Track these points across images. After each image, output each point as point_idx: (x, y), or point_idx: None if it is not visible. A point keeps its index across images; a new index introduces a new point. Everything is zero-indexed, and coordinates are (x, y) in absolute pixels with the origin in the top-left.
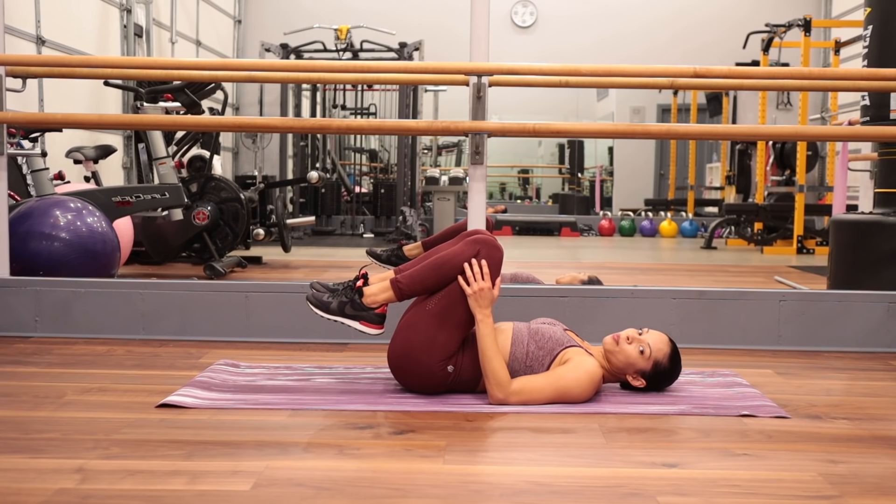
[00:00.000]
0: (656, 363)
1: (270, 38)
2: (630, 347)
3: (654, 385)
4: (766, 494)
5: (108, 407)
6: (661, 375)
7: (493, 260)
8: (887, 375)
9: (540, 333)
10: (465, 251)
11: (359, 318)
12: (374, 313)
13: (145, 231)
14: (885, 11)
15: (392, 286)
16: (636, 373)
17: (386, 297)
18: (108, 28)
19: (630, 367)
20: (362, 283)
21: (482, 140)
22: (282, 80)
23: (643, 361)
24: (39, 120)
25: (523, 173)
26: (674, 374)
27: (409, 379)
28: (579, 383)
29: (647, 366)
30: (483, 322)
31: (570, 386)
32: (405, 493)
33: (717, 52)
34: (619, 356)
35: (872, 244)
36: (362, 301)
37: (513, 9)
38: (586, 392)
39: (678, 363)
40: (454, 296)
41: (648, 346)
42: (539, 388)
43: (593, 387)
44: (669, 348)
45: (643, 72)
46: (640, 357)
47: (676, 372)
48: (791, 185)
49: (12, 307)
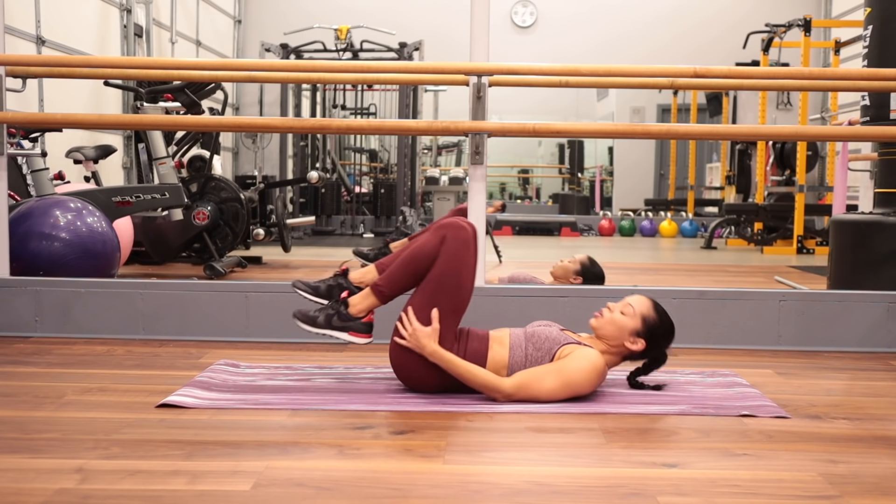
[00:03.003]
0: (644, 318)
1: (270, 38)
2: (613, 314)
3: (653, 343)
4: (766, 494)
5: (108, 407)
6: (654, 329)
7: (460, 240)
8: (887, 375)
9: (536, 336)
10: (431, 240)
11: (346, 328)
12: (361, 322)
13: (145, 231)
14: (885, 11)
15: (374, 292)
16: (630, 336)
17: (370, 304)
18: (108, 28)
19: (622, 331)
20: (347, 294)
21: (482, 140)
22: (282, 80)
23: (631, 320)
24: (39, 120)
25: (523, 173)
26: (665, 325)
27: (412, 374)
28: (582, 372)
29: (637, 323)
30: (434, 358)
31: (573, 376)
32: (405, 493)
33: (717, 52)
34: (608, 327)
35: (872, 244)
36: (348, 311)
37: (513, 9)
38: (590, 379)
39: (666, 315)
40: (433, 285)
41: (630, 305)
42: (539, 378)
43: (597, 374)
44: (651, 302)
45: (643, 72)
46: (626, 318)
47: (668, 324)
48: (791, 185)
49: (12, 307)
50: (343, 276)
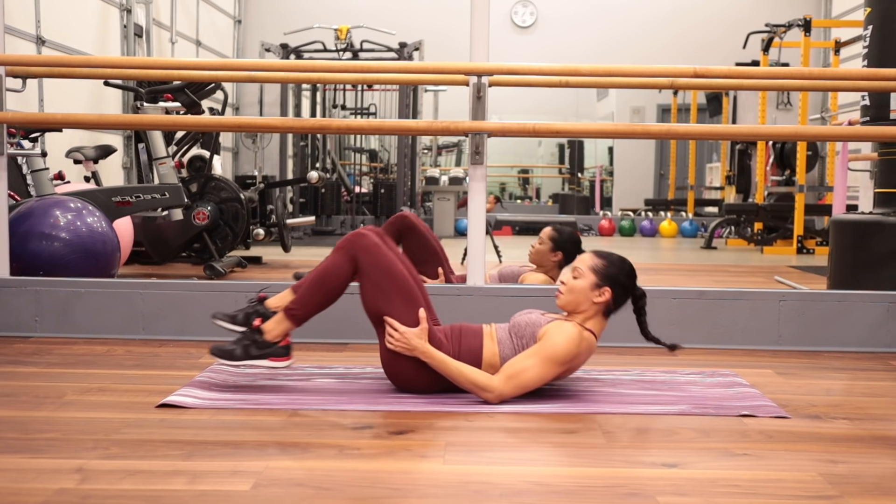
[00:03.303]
0: (593, 269)
1: (270, 38)
2: (568, 285)
3: (618, 283)
4: (766, 494)
5: (108, 407)
6: (608, 271)
7: (368, 246)
8: (887, 375)
9: (518, 325)
10: (337, 259)
11: (265, 355)
12: (279, 347)
13: (145, 231)
14: (885, 11)
15: (287, 316)
16: (593, 292)
17: (284, 328)
18: (108, 28)
19: (583, 293)
20: (260, 321)
21: (482, 140)
22: (282, 80)
23: (584, 279)
24: (39, 120)
25: (523, 173)
26: (616, 263)
27: (403, 376)
28: (560, 346)
29: (591, 277)
30: (426, 357)
31: (553, 352)
32: (405, 493)
33: (717, 52)
34: (569, 297)
35: (872, 244)
36: (264, 338)
37: (513, 9)
38: (571, 350)
39: (612, 255)
40: (378, 294)
41: (577, 268)
42: (523, 365)
43: (577, 344)
44: (592, 253)
45: (643, 72)
46: (580, 279)
47: (618, 260)
48: (791, 185)
49: (12, 307)
50: (260, 303)
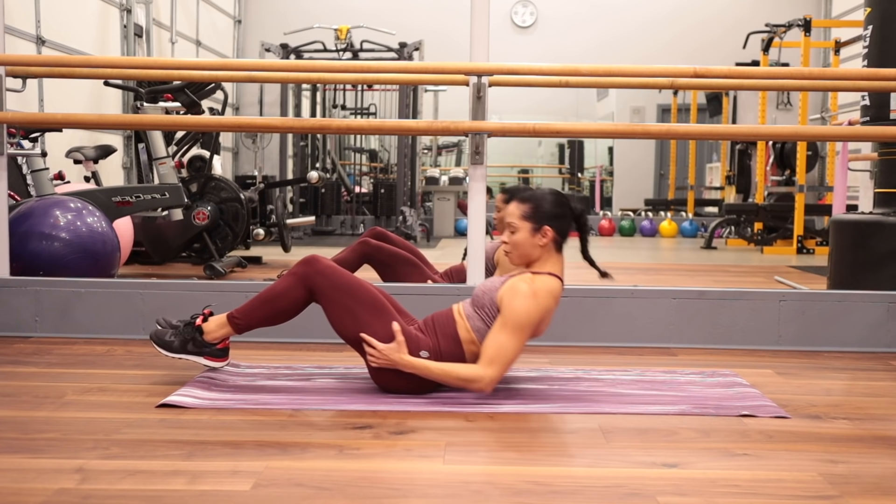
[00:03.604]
0: (524, 215)
1: (270, 38)
2: (508, 241)
3: (553, 217)
4: (766, 494)
5: (108, 407)
6: (539, 211)
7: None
8: (887, 375)
9: (476, 296)
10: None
11: (202, 353)
12: (217, 348)
13: (145, 231)
14: (885, 11)
15: (229, 321)
16: (534, 237)
17: (224, 333)
18: (108, 28)
19: (525, 242)
20: (201, 320)
21: (482, 140)
22: (282, 80)
23: (521, 230)
24: (39, 120)
25: (523, 173)
26: (540, 197)
27: (395, 386)
28: (522, 307)
29: (526, 224)
30: (409, 368)
31: (517, 319)
32: (405, 493)
33: (717, 52)
34: (515, 252)
35: (872, 244)
36: (203, 338)
37: (513, 9)
38: (532, 309)
39: (534, 192)
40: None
41: (510, 223)
42: (499, 344)
43: (535, 301)
44: (516, 201)
45: (643, 72)
46: (517, 231)
47: (540, 194)
48: (791, 185)
49: (12, 307)
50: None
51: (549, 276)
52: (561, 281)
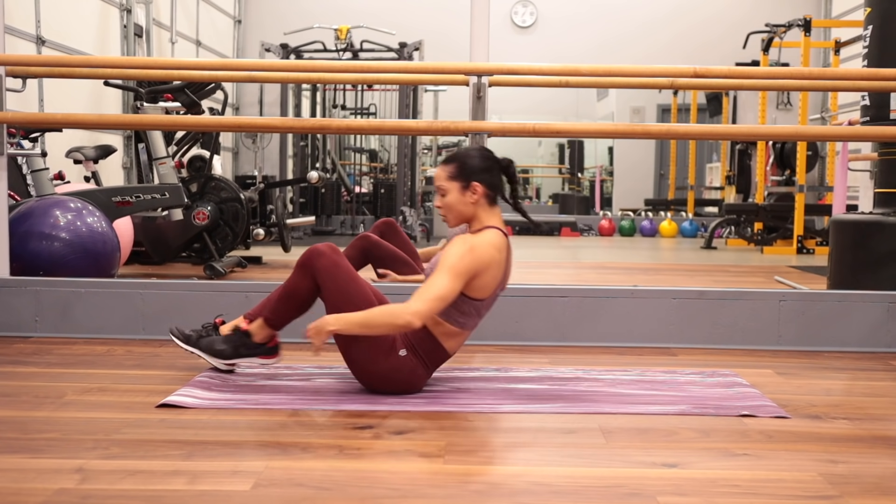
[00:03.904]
0: (451, 175)
1: (270, 38)
2: (441, 204)
3: (479, 172)
4: (766, 494)
5: (108, 407)
6: (464, 169)
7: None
8: (887, 375)
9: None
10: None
11: (255, 354)
12: (268, 347)
13: (145, 231)
14: (885, 11)
15: (266, 324)
16: (465, 196)
17: (268, 333)
18: (108, 28)
19: (458, 202)
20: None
21: (482, 140)
22: (282, 80)
23: (451, 191)
24: (39, 120)
25: (523, 173)
26: (463, 155)
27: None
28: (455, 256)
29: (454, 185)
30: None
31: (451, 263)
32: (405, 493)
33: (717, 52)
34: (451, 214)
35: (872, 244)
36: (254, 340)
37: (513, 9)
38: (466, 257)
39: (455, 153)
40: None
41: (439, 186)
42: (429, 282)
43: (471, 250)
44: (441, 165)
45: (643, 72)
46: (448, 193)
47: (463, 152)
48: (791, 185)
49: (12, 307)
50: (215, 328)
51: (488, 229)
52: (502, 232)
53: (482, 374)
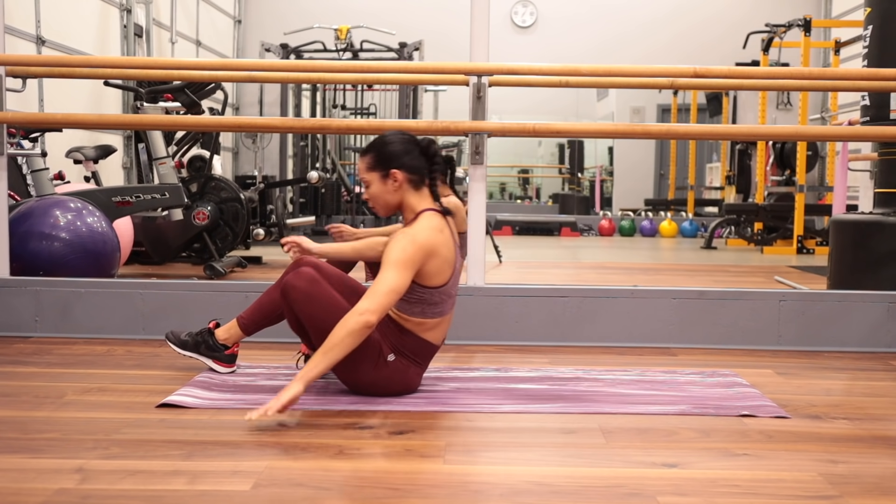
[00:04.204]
0: (370, 166)
1: (270, 38)
2: (368, 196)
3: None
4: (766, 494)
5: (108, 407)
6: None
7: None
8: (887, 375)
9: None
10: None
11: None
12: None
13: (145, 231)
14: (885, 11)
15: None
16: (387, 184)
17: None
18: (108, 28)
19: (383, 190)
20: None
21: (482, 140)
22: (282, 80)
23: (374, 182)
24: (39, 120)
25: (523, 173)
26: (380, 143)
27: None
28: (396, 249)
29: (374, 175)
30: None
31: (394, 257)
32: (405, 493)
33: (717, 52)
34: (379, 204)
35: (872, 244)
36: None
37: (513, 9)
38: (407, 247)
39: (369, 144)
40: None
41: (361, 178)
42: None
43: (411, 240)
44: (360, 155)
45: (643, 72)
46: (371, 183)
47: (379, 140)
48: (791, 185)
49: (12, 307)
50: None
51: (422, 215)
52: (436, 211)
53: (482, 374)
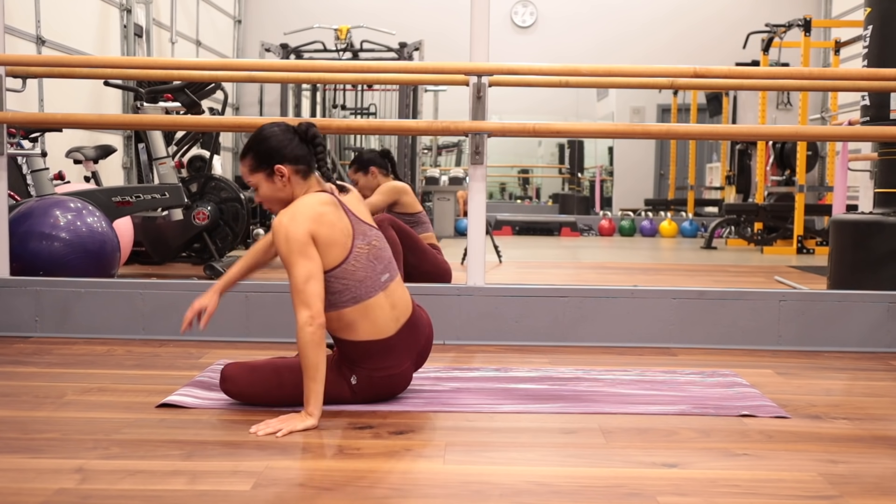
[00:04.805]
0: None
1: (270, 38)
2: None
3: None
4: (766, 494)
5: (108, 407)
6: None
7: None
8: (887, 375)
9: None
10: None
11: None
12: None
13: (145, 231)
14: (885, 11)
15: None
16: (272, 182)
17: None
18: (108, 28)
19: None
20: None
21: (482, 140)
22: (282, 80)
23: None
24: (39, 120)
25: (523, 173)
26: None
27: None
28: (281, 242)
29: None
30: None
31: (285, 249)
32: (405, 493)
33: (717, 52)
34: (272, 201)
35: (872, 244)
36: None
37: (513, 9)
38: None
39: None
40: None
41: (248, 180)
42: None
43: (285, 230)
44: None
45: (643, 72)
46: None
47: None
48: (791, 185)
49: (12, 307)
50: None
51: (313, 194)
52: (319, 191)
53: (482, 374)
